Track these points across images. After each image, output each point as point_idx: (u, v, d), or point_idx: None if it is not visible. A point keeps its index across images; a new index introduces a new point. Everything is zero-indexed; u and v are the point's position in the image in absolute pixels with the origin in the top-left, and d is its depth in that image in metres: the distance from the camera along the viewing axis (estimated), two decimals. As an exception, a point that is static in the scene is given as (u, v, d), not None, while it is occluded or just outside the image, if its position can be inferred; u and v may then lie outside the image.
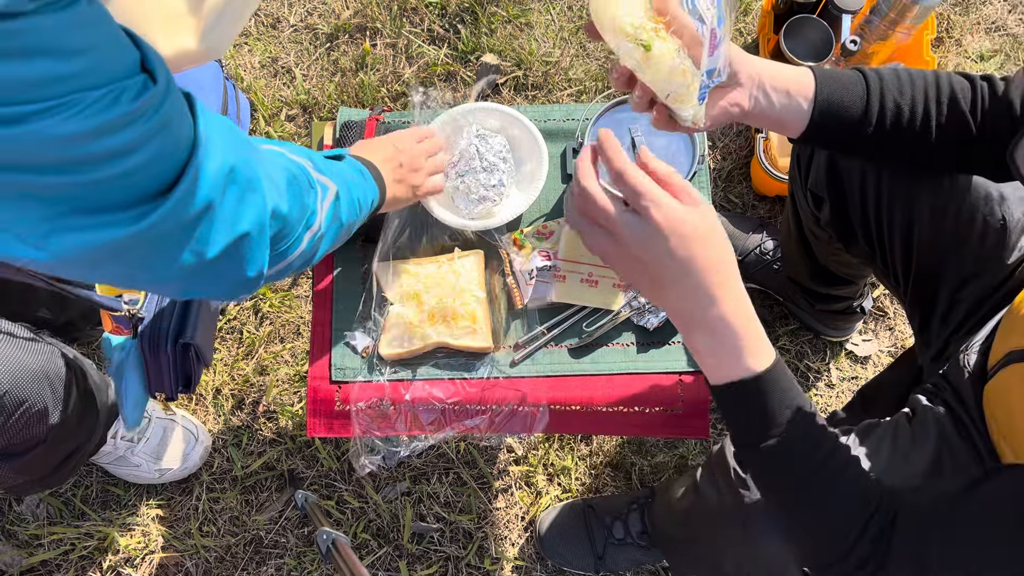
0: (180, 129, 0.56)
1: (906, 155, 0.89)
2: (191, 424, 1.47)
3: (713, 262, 0.69)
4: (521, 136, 1.15)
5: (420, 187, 1.05)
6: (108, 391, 1.25)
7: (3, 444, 0.98)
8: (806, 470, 0.72)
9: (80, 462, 1.23)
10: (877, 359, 1.59)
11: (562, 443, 1.52)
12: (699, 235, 0.68)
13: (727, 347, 0.70)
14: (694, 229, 0.68)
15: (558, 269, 1.13)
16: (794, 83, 0.84)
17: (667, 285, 0.70)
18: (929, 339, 1.03)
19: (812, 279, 1.38)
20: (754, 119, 0.86)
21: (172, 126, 0.55)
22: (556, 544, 1.42)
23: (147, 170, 0.53)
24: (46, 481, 1.19)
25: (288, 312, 1.58)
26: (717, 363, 0.71)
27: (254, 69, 1.71)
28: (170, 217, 0.55)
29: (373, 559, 1.45)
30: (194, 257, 0.59)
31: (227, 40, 0.75)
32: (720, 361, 0.71)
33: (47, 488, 1.38)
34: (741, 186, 1.66)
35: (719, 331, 0.69)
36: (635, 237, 0.69)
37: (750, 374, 0.69)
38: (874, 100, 0.85)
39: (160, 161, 0.54)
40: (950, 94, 0.85)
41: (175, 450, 1.44)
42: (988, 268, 0.96)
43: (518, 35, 1.73)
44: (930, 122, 0.85)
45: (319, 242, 0.77)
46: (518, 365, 1.11)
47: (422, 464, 1.51)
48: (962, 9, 1.79)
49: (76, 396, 1.09)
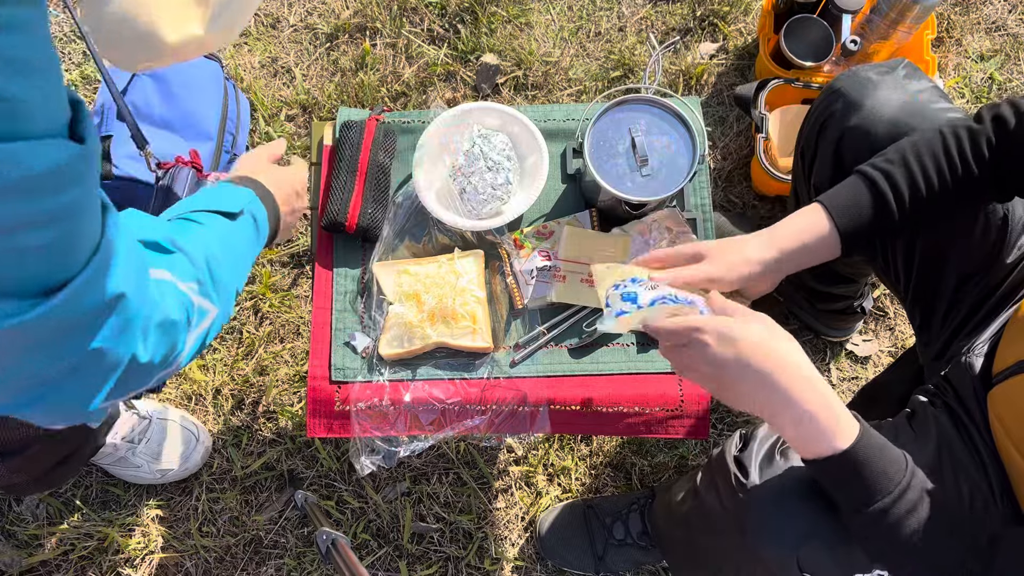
0: (89, 224, 0.51)
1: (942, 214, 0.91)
2: (191, 425, 1.47)
3: (779, 363, 0.75)
4: (521, 134, 1.15)
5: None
6: None
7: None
8: (908, 530, 0.73)
9: (77, 465, 1.23)
10: (877, 359, 1.59)
11: (562, 443, 1.52)
12: (756, 343, 0.75)
13: (811, 433, 0.74)
14: (749, 340, 0.75)
15: (558, 269, 1.12)
16: (807, 232, 0.89)
17: (741, 395, 0.77)
18: (930, 338, 1.03)
19: (813, 277, 1.38)
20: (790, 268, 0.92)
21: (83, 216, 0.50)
22: (556, 544, 1.42)
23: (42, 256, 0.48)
24: (42, 482, 1.19)
25: (288, 312, 1.58)
26: (804, 446, 0.75)
27: (254, 69, 1.71)
28: (45, 321, 0.50)
29: (373, 559, 1.45)
30: (49, 368, 0.54)
31: (236, 27, 0.73)
32: (806, 444, 0.75)
33: (43, 489, 1.38)
34: (741, 186, 1.66)
35: (803, 421, 0.74)
36: (708, 367, 0.77)
37: (837, 451, 0.73)
38: (891, 205, 0.88)
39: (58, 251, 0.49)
40: (958, 150, 0.87)
41: (175, 451, 1.44)
42: (989, 266, 0.96)
43: (518, 35, 1.73)
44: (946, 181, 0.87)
45: (173, 370, 0.71)
46: (518, 365, 1.11)
47: (422, 464, 1.50)
48: (962, 9, 1.79)
49: None
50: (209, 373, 1.55)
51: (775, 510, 0.82)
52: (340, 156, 1.16)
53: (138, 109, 1.38)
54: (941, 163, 0.87)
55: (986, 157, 0.86)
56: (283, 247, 1.61)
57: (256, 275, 1.59)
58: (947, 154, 0.87)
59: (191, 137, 1.41)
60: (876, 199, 0.88)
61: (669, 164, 1.09)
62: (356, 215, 1.13)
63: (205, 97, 1.45)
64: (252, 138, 1.66)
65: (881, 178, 0.88)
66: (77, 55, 1.71)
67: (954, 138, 0.88)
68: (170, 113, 1.40)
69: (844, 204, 0.89)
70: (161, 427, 1.44)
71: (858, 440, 0.73)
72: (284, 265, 1.62)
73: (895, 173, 0.88)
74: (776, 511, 0.82)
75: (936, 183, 0.87)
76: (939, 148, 0.88)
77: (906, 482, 0.73)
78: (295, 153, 1.66)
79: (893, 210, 0.88)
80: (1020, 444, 0.80)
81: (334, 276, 1.16)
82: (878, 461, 0.73)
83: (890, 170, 0.89)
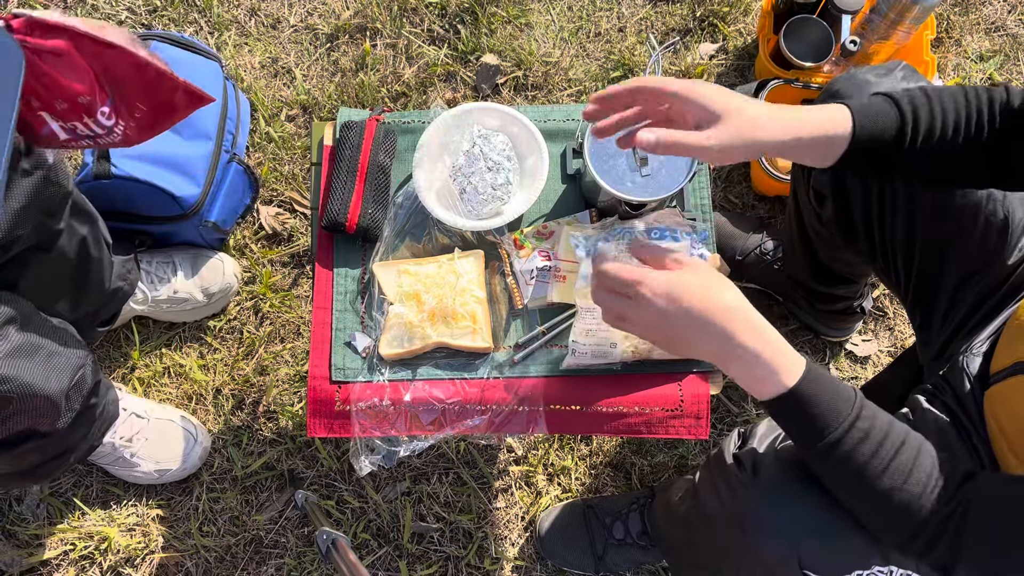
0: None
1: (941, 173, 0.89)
2: (190, 425, 1.47)
3: (719, 306, 0.77)
4: (521, 134, 1.15)
5: None
6: (107, 399, 1.25)
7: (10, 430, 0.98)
8: (862, 460, 0.75)
9: (66, 464, 1.23)
10: (877, 359, 1.59)
11: (562, 443, 1.52)
12: (695, 292, 0.77)
13: (758, 371, 0.77)
14: (688, 289, 0.77)
15: (558, 269, 1.13)
16: (830, 123, 0.84)
17: (689, 343, 0.79)
18: (929, 338, 1.03)
19: (813, 278, 1.38)
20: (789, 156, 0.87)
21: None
22: (556, 544, 1.42)
23: None
24: (29, 475, 1.19)
25: (288, 312, 1.58)
26: (754, 385, 0.78)
27: (254, 69, 1.71)
28: None
29: (373, 559, 1.45)
30: None
31: None
32: (755, 383, 0.78)
33: (28, 483, 1.39)
34: (741, 186, 1.66)
35: (746, 359, 0.76)
36: (644, 319, 0.79)
37: (784, 389, 0.76)
38: (907, 128, 0.85)
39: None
40: (977, 106, 0.85)
41: (174, 451, 1.44)
42: (989, 267, 0.96)
43: (518, 35, 1.73)
44: (958, 135, 0.86)
45: None
46: (518, 365, 1.11)
47: (422, 464, 1.51)
48: (962, 9, 1.79)
49: (82, 403, 1.10)
50: (209, 373, 1.55)
51: (774, 508, 0.82)
52: (340, 156, 1.16)
53: (136, 107, 1.38)
54: (960, 111, 0.86)
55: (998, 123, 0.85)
56: (283, 247, 1.62)
57: (256, 275, 1.59)
58: (967, 106, 0.86)
59: (190, 136, 1.41)
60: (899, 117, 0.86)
61: (669, 164, 1.09)
62: (356, 215, 1.13)
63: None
64: (252, 138, 1.66)
65: (906, 101, 0.86)
66: (77, 55, 1.71)
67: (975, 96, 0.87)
68: (168, 112, 1.40)
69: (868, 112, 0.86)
70: (159, 427, 1.44)
71: (804, 375, 0.76)
72: (284, 265, 1.62)
73: (919, 101, 0.86)
74: (776, 509, 0.82)
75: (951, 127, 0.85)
76: (961, 99, 0.87)
77: (855, 413, 0.76)
78: (296, 153, 1.66)
79: (908, 132, 0.85)
80: (1014, 445, 0.81)
81: (334, 276, 1.16)
82: (827, 395, 0.76)
83: (915, 98, 0.86)
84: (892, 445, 0.76)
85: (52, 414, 1.02)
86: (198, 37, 1.70)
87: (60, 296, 1.18)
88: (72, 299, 1.21)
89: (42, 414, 1.00)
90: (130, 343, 1.55)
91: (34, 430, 1.04)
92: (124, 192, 1.32)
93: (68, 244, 1.13)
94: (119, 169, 1.31)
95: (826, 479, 0.80)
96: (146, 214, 1.40)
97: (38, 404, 0.98)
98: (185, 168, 1.39)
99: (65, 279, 1.18)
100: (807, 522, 0.80)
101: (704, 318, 0.77)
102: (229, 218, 1.53)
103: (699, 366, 1.11)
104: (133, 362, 1.54)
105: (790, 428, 0.79)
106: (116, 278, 1.34)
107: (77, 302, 1.23)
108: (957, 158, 0.87)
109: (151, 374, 1.54)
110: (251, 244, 1.61)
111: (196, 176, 1.41)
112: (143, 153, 1.34)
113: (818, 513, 0.80)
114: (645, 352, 1.08)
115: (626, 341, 1.06)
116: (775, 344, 0.77)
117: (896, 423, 0.78)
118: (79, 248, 1.16)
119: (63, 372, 1.02)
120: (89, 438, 1.24)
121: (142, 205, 1.38)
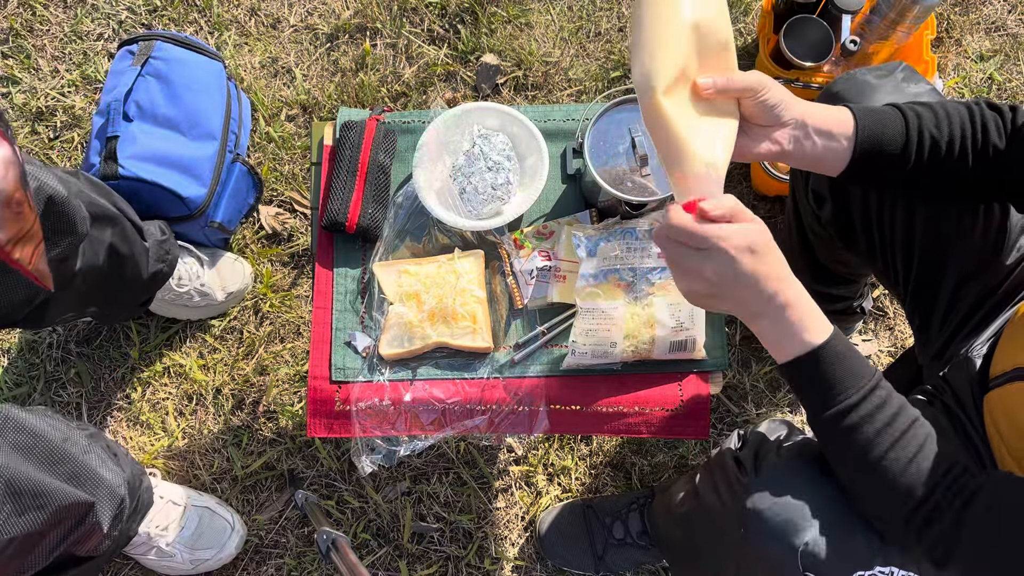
0: None
1: (945, 189, 0.90)
2: (227, 513, 1.43)
3: (774, 269, 0.77)
4: (521, 134, 1.15)
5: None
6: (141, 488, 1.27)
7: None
8: (873, 431, 0.76)
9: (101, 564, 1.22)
10: (877, 359, 1.59)
11: (562, 443, 1.52)
12: (758, 250, 0.76)
13: (787, 328, 0.77)
14: (768, 244, 0.77)
15: (558, 269, 1.13)
16: (836, 122, 0.86)
17: (736, 299, 0.78)
18: (929, 338, 1.03)
19: (812, 278, 1.38)
20: (792, 159, 0.88)
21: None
22: (556, 544, 1.42)
23: None
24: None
25: (288, 312, 1.58)
26: (779, 343, 0.78)
27: (254, 69, 1.71)
28: None
29: (373, 559, 1.45)
30: None
31: None
32: (782, 341, 0.78)
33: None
34: (741, 186, 1.66)
35: (780, 317, 0.77)
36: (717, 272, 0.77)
37: (810, 347, 0.77)
38: (913, 135, 0.86)
39: None
40: (983, 126, 0.86)
41: (211, 539, 1.40)
42: (988, 267, 0.96)
43: (518, 35, 1.73)
44: (967, 156, 0.86)
45: None
46: (518, 365, 1.11)
47: (422, 464, 1.51)
48: (962, 9, 1.79)
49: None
50: (209, 373, 1.55)
51: (775, 508, 0.82)
52: (340, 156, 1.16)
53: (143, 109, 1.37)
54: (966, 126, 0.87)
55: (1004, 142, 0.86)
56: (283, 247, 1.62)
57: (257, 275, 1.59)
58: (972, 122, 0.87)
59: (195, 137, 1.41)
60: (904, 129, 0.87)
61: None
62: (356, 215, 1.13)
63: (209, 97, 1.45)
64: (252, 138, 1.66)
65: (913, 115, 0.87)
66: (78, 55, 1.71)
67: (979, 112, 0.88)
68: (174, 113, 1.39)
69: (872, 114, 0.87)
70: (196, 514, 1.40)
71: (833, 336, 0.77)
72: (284, 265, 1.62)
73: (927, 119, 0.87)
74: (776, 509, 0.82)
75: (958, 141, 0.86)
76: (966, 115, 0.88)
77: (875, 382, 0.77)
78: (296, 153, 1.66)
79: (913, 146, 0.86)
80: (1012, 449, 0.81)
81: (334, 276, 1.16)
82: (851, 360, 0.77)
83: (924, 114, 0.88)
84: (905, 420, 0.76)
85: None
86: (198, 37, 1.70)
87: (98, 298, 1.19)
88: (107, 297, 1.21)
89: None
90: (130, 343, 1.55)
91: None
92: (131, 192, 1.31)
93: (95, 256, 1.12)
94: (126, 170, 1.31)
95: (831, 449, 0.80)
96: (152, 214, 1.40)
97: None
98: (191, 168, 1.39)
99: (100, 286, 1.18)
100: (809, 523, 0.80)
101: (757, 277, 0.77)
102: (234, 218, 1.53)
103: (699, 366, 1.11)
104: (133, 362, 1.54)
105: (808, 389, 0.79)
106: (155, 261, 1.32)
107: (117, 297, 1.23)
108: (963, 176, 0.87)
109: (151, 374, 1.54)
110: (251, 244, 1.61)
111: (202, 176, 1.41)
112: (149, 154, 1.34)
113: (819, 513, 0.80)
114: (645, 352, 1.08)
115: (626, 341, 1.06)
116: (807, 304, 0.78)
117: (909, 404, 0.78)
118: (108, 253, 1.16)
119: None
120: (124, 530, 1.20)
121: (148, 205, 1.37)
